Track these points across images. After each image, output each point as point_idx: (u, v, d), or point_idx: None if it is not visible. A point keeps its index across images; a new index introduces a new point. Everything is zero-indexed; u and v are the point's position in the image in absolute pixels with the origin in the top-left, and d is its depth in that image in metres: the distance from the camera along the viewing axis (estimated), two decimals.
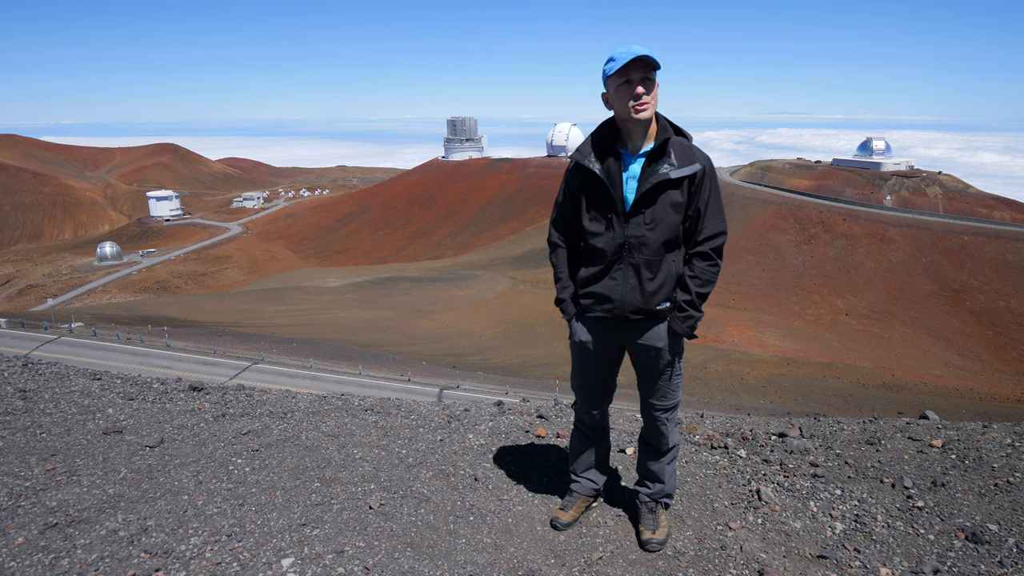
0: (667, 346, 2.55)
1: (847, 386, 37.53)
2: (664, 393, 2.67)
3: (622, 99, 2.32)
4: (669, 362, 2.60)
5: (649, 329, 2.54)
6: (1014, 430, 3.71)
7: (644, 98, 2.29)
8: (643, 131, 2.39)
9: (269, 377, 26.50)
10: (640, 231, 2.40)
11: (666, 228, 2.40)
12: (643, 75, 2.28)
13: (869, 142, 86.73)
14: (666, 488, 2.81)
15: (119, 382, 4.68)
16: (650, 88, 2.30)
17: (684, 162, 2.36)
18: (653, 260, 2.43)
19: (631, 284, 2.46)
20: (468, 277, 65.93)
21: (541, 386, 29.74)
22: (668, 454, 2.78)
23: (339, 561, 2.44)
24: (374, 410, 4.22)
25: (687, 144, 2.40)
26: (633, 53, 2.23)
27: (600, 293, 2.52)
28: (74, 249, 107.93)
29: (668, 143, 2.37)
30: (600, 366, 2.71)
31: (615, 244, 2.44)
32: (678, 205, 2.39)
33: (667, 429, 2.73)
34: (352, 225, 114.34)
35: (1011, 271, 59.14)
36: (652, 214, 2.38)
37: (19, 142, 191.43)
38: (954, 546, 2.67)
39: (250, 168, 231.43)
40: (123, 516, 2.69)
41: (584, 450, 2.93)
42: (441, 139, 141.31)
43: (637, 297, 2.46)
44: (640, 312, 2.49)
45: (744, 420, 4.70)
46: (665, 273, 2.46)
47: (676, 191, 2.38)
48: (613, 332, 2.60)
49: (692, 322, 2.49)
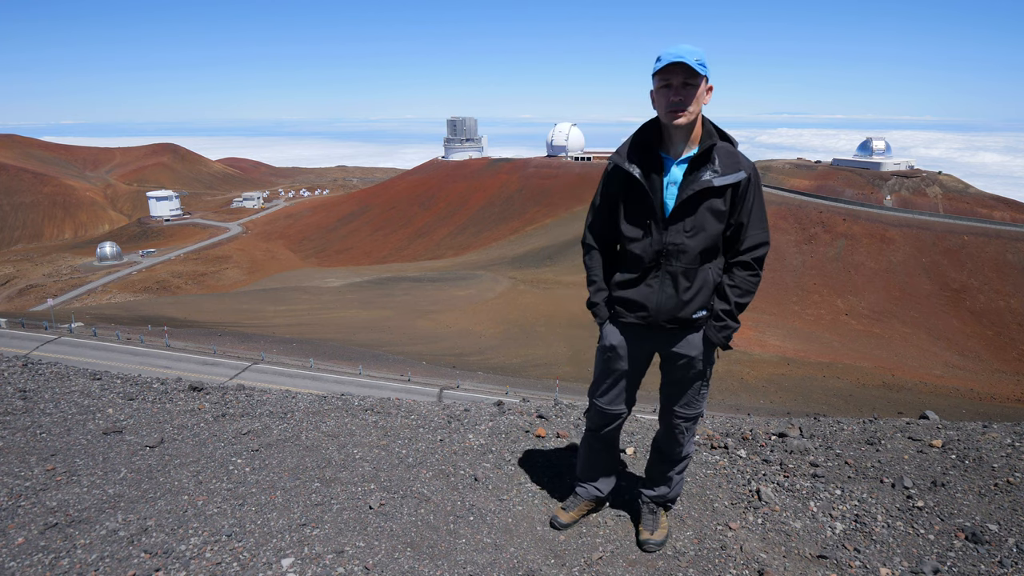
0: (700, 355, 2.49)
1: (847, 386, 37.53)
2: (690, 402, 2.61)
3: (661, 101, 2.25)
4: (700, 372, 2.53)
5: (683, 338, 2.48)
6: (1014, 430, 3.71)
7: (681, 104, 2.21)
8: (685, 135, 2.31)
9: (269, 377, 26.49)
10: (679, 239, 2.33)
11: (706, 237, 2.33)
12: (684, 80, 2.19)
13: (869, 142, 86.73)
14: (671, 494, 2.80)
15: (119, 382, 4.68)
16: (691, 95, 2.20)
17: (728, 170, 2.29)
18: (690, 269, 2.37)
19: (667, 292, 2.39)
20: (468, 277, 65.91)
21: (541, 386, 29.73)
22: (681, 463, 2.75)
23: (339, 561, 2.44)
24: (374, 410, 4.22)
25: (732, 151, 2.33)
26: (673, 56, 2.15)
27: (635, 300, 2.45)
28: (74, 249, 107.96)
29: (713, 149, 2.30)
30: (628, 372, 2.62)
31: (653, 251, 2.37)
32: (720, 214, 2.32)
33: (684, 438, 2.69)
34: (352, 225, 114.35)
35: (1011, 271, 59.13)
36: (692, 222, 2.31)
37: (19, 142, 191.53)
38: (954, 546, 2.66)
39: (250, 168, 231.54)
40: (123, 516, 2.69)
41: (592, 458, 2.88)
42: (441, 139, 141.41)
43: (672, 305, 2.40)
44: (675, 321, 2.43)
45: (744, 420, 4.70)
46: (701, 282, 2.40)
47: (719, 199, 2.30)
48: (646, 338, 2.53)
49: (728, 332, 2.44)
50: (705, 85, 2.24)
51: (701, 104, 2.25)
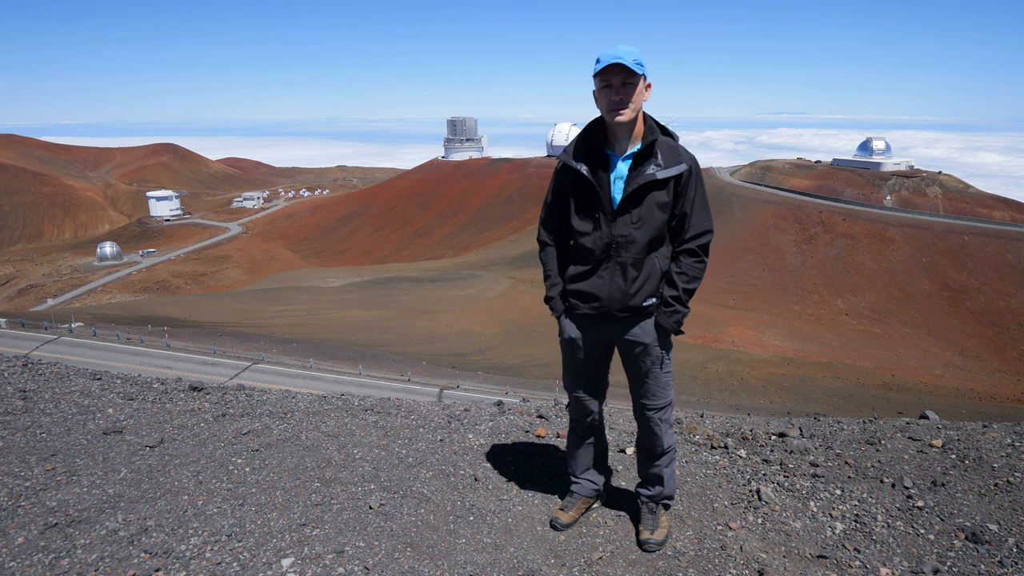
0: (654, 341, 2.59)
1: (847, 386, 37.53)
2: (655, 392, 2.67)
3: (603, 101, 2.38)
4: (658, 359, 2.61)
5: (636, 325, 2.58)
6: (1014, 430, 3.71)
7: (621, 103, 2.33)
8: (628, 132, 2.44)
9: (269, 377, 26.50)
10: (627, 230, 2.45)
11: (652, 227, 2.46)
12: (623, 80, 2.31)
13: (869, 142, 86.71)
14: (665, 490, 2.80)
15: (119, 382, 4.68)
16: (629, 93, 2.32)
17: (670, 163, 2.41)
18: (639, 259, 2.49)
19: (617, 282, 2.51)
20: (468, 277, 65.92)
21: (541, 386, 29.74)
22: (664, 457, 2.77)
23: (339, 561, 2.44)
24: (374, 410, 4.22)
25: (673, 144, 2.45)
26: (611, 58, 2.27)
27: (588, 291, 2.56)
28: (74, 249, 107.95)
29: (655, 144, 2.42)
30: (590, 362, 2.74)
31: (603, 243, 2.49)
32: (664, 205, 2.45)
33: (660, 430, 2.72)
34: (352, 225, 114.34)
35: (1011, 271, 59.15)
36: (639, 214, 2.44)
37: (19, 142, 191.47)
38: (954, 546, 2.67)
39: (250, 168, 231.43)
40: (123, 516, 2.69)
41: (581, 451, 2.94)
42: (441, 139, 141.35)
43: (623, 295, 2.51)
44: (626, 310, 2.54)
45: (744, 420, 4.70)
46: (649, 270, 2.51)
47: (662, 191, 2.43)
48: (601, 328, 2.64)
49: (678, 317, 2.54)
50: (643, 83, 2.36)
51: (641, 101, 2.39)
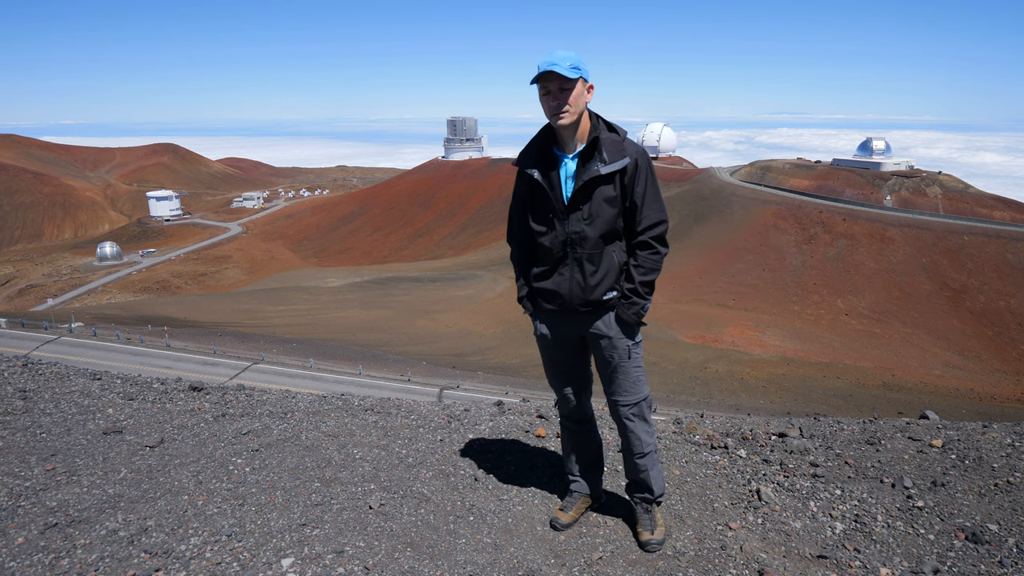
0: (618, 334, 2.62)
1: (847, 386, 37.52)
2: (626, 388, 2.67)
3: (544, 107, 2.42)
4: (624, 351, 2.64)
5: (599, 319, 2.62)
6: (1014, 430, 3.71)
7: (559, 107, 2.37)
8: (574, 133, 2.48)
9: (269, 377, 26.50)
10: (579, 227, 2.50)
11: (603, 222, 2.50)
12: (560, 85, 2.35)
13: (869, 142, 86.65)
14: (655, 490, 2.78)
15: (119, 382, 4.68)
16: (566, 97, 2.36)
17: (614, 157, 2.45)
18: (595, 253, 2.53)
19: (576, 278, 2.56)
20: (468, 277, 65.91)
21: (541, 386, 29.72)
22: (646, 457, 2.74)
23: (339, 561, 2.45)
24: (374, 410, 4.22)
25: (617, 140, 2.49)
26: (546, 65, 2.32)
27: (550, 289, 2.62)
28: (74, 249, 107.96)
29: (598, 141, 2.46)
30: (565, 357, 2.79)
31: (559, 241, 2.55)
32: (612, 199, 2.49)
33: (636, 427, 2.70)
34: (352, 225, 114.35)
35: (1011, 271, 59.12)
36: (589, 210, 2.49)
37: (19, 142, 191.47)
38: (954, 546, 2.66)
39: (250, 168, 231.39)
40: (123, 516, 2.69)
41: (575, 448, 2.95)
42: (441, 139, 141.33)
43: (583, 290, 2.56)
44: (587, 304, 2.58)
45: (744, 420, 4.69)
46: (607, 264, 2.55)
47: (609, 186, 2.48)
48: (568, 324, 2.68)
49: (637, 308, 2.57)
50: (584, 86, 2.40)
51: (583, 102, 2.42)
